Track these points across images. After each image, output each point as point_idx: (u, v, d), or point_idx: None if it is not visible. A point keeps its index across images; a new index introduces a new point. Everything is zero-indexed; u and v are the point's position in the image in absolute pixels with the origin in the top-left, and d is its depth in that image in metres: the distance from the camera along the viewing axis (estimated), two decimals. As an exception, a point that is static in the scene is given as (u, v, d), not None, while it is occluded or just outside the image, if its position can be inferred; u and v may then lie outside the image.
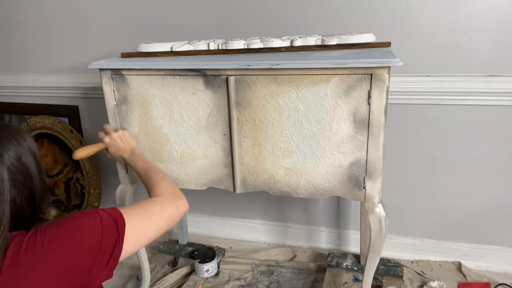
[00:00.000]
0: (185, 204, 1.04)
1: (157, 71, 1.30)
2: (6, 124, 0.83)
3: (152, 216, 0.92)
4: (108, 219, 0.80)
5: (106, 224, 0.79)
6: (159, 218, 0.94)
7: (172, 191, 1.05)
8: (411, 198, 1.78)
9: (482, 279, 1.70)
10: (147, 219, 0.90)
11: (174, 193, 1.05)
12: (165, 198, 1.01)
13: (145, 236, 0.89)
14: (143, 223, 0.89)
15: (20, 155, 0.77)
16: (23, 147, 0.79)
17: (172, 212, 0.99)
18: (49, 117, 2.12)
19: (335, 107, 1.18)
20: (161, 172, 1.18)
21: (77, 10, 1.93)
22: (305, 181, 1.29)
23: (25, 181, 0.78)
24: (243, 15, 1.70)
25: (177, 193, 1.06)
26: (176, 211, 1.00)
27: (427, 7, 1.51)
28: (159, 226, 0.93)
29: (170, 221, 0.97)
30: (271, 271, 1.82)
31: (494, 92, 1.53)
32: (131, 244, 0.84)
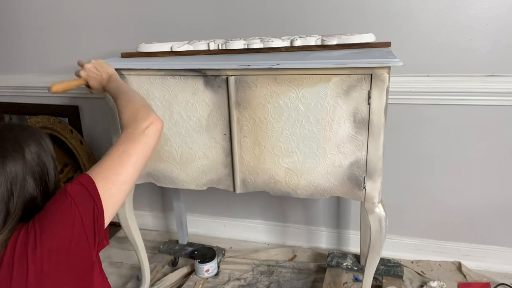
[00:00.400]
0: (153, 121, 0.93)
1: (157, 71, 1.30)
2: (27, 125, 0.86)
3: (121, 159, 0.85)
4: (76, 189, 0.78)
5: (76, 195, 0.77)
6: (129, 157, 0.86)
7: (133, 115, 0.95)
8: (411, 198, 1.78)
9: (482, 279, 1.70)
10: (116, 165, 0.84)
11: (136, 117, 0.94)
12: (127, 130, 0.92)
13: (122, 181, 0.84)
14: (113, 171, 0.83)
15: (39, 151, 0.81)
16: (42, 145, 0.82)
17: (141, 140, 0.90)
18: (49, 117, 2.12)
19: (335, 107, 1.18)
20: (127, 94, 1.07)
21: (77, 10, 1.93)
22: (305, 181, 1.29)
23: (43, 175, 0.80)
24: (243, 15, 1.70)
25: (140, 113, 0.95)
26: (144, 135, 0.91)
27: (427, 7, 1.51)
28: (133, 163, 0.87)
29: (144, 150, 0.90)
30: (271, 271, 1.82)
31: (494, 92, 1.53)
32: (113, 197, 0.81)
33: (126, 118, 0.96)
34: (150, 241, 2.11)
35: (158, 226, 2.26)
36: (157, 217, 2.25)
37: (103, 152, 1.29)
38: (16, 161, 0.77)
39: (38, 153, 0.80)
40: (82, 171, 2.11)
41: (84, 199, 0.78)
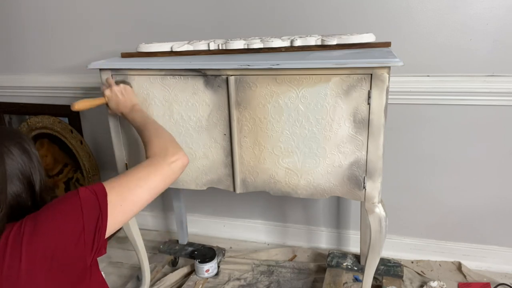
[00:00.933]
0: (181, 158, 0.98)
1: (157, 71, 1.30)
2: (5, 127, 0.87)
3: (140, 181, 0.88)
4: (87, 195, 0.79)
5: (86, 201, 0.77)
6: (148, 182, 0.89)
7: (163, 148, 0.99)
8: (411, 198, 1.78)
9: (482, 279, 1.70)
10: (133, 185, 0.86)
11: (166, 149, 0.98)
12: (155, 158, 0.96)
13: (135, 202, 0.85)
14: (128, 190, 0.85)
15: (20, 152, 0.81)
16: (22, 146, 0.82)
17: (165, 171, 0.94)
18: (49, 117, 2.12)
19: (335, 107, 1.18)
20: (155, 127, 1.11)
21: (77, 10, 1.93)
22: (305, 181, 1.29)
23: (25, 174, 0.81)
24: (243, 15, 1.70)
25: (170, 148, 1.00)
26: (169, 168, 0.94)
27: (427, 7, 1.52)
28: (151, 189, 0.89)
29: (164, 181, 0.93)
30: (271, 271, 1.82)
31: (494, 92, 1.53)
32: (120, 214, 0.82)
33: (155, 149, 1.00)
34: (150, 241, 2.11)
35: (158, 226, 2.26)
36: (157, 217, 2.25)
37: (103, 152, 1.29)
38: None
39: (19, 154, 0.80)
40: (82, 171, 2.11)
41: (92, 207, 0.78)
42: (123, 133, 1.42)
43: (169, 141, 1.04)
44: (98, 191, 0.80)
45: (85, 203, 0.78)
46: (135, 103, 1.26)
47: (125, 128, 1.41)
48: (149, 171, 0.92)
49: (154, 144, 1.02)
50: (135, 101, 1.26)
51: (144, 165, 0.94)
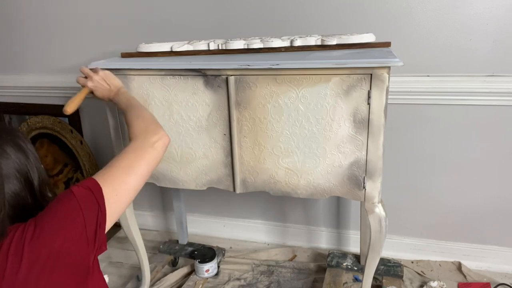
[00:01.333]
0: (162, 137, 0.98)
1: (157, 71, 1.30)
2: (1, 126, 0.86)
3: (129, 169, 0.88)
4: (82, 192, 0.78)
5: (82, 198, 0.77)
6: (136, 168, 0.89)
7: (144, 128, 0.99)
8: (411, 198, 1.78)
9: (482, 279, 1.70)
10: (124, 174, 0.86)
11: (147, 130, 0.99)
12: (137, 142, 0.96)
13: (128, 190, 0.86)
14: (120, 179, 0.85)
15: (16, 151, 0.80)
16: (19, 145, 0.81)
17: (149, 153, 0.94)
18: (49, 117, 2.12)
19: (335, 107, 1.18)
20: (136, 107, 1.11)
21: (77, 10, 1.93)
22: (305, 181, 1.29)
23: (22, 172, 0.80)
24: (243, 15, 1.70)
25: (151, 127, 1.00)
26: (152, 149, 0.95)
27: (427, 7, 1.51)
28: (140, 174, 0.89)
29: (152, 163, 0.93)
30: (271, 271, 1.82)
31: (494, 92, 1.53)
32: (117, 204, 0.83)
33: (136, 131, 1.00)
34: (150, 241, 2.11)
35: (158, 226, 2.26)
36: (157, 217, 2.25)
37: (103, 152, 1.29)
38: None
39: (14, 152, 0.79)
40: (82, 171, 2.11)
41: (89, 203, 0.78)
42: (123, 132, 1.42)
43: (149, 120, 1.04)
44: (92, 187, 0.80)
45: (82, 200, 0.77)
46: (120, 86, 1.24)
47: (125, 127, 1.41)
48: (135, 156, 0.92)
49: (134, 125, 1.02)
50: (119, 85, 1.24)
51: (128, 151, 0.93)
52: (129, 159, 0.90)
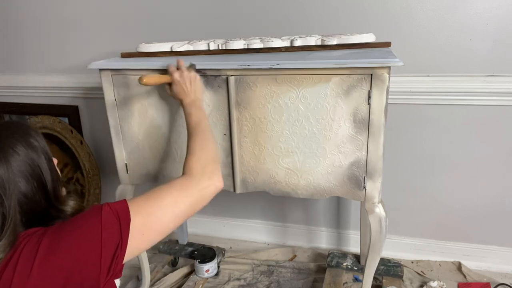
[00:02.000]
0: (215, 183, 0.92)
1: (157, 71, 1.30)
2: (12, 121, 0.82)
3: (167, 208, 0.82)
4: (110, 218, 0.74)
5: (107, 225, 0.73)
6: (175, 209, 0.83)
7: (200, 168, 0.93)
8: (411, 198, 1.78)
9: (482, 279, 1.70)
10: (159, 212, 0.80)
11: (203, 171, 0.92)
12: (189, 180, 0.90)
13: (158, 231, 0.80)
14: (154, 218, 0.79)
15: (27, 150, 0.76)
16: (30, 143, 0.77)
17: (195, 197, 0.88)
18: (49, 117, 2.12)
19: (335, 107, 1.18)
20: (204, 135, 1.04)
21: (77, 10, 1.93)
22: (305, 181, 1.29)
23: (34, 174, 0.76)
24: (243, 15, 1.70)
25: (208, 168, 0.93)
26: (199, 195, 0.89)
27: (427, 7, 1.52)
28: (175, 218, 0.83)
29: (193, 208, 0.87)
30: (271, 271, 1.82)
31: (494, 92, 1.53)
32: (141, 242, 0.77)
33: (192, 165, 0.95)
34: (150, 241, 2.10)
35: (158, 226, 2.25)
36: (157, 217, 2.24)
37: (103, 152, 1.29)
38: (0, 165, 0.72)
39: (25, 152, 0.76)
40: (82, 171, 2.11)
41: (112, 233, 0.74)
42: (123, 133, 1.42)
43: (210, 158, 0.98)
44: (121, 215, 0.75)
45: (106, 227, 0.73)
46: (199, 98, 1.18)
47: (125, 127, 1.41)
48: (179, 195, 0.85)
49: (194, 158, 0.96)
50: (199, 95, 1.19)
51: (174, 186, 0.87)
52: (172, 197, 0.84)
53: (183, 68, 1.19)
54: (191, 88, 1.17)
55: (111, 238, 0.73)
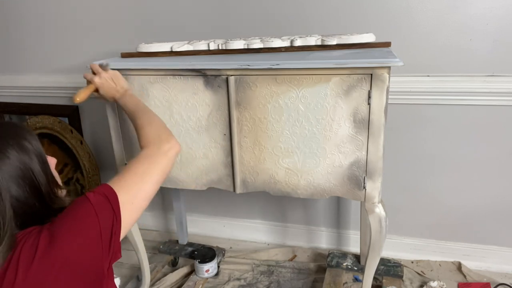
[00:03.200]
0: (174, 146, 0.99)
1: (157, 71, 1.30)
2: (4, 123, 0.81)
3: (144, 176, 0.88)
4: (98, 199, 0.77)
5: (98, 205, 0.76)
6: (151, 175, 0.90)
7: (156, 136, 1.01)
8: (411, 198, 1.78)
9: (482, 279, 1.70)
10: (139, 181, 0.87)
11: (160, 138, 1.00)
12: (151, 149, 0.97)
13: (143, 198, 0.86)
14: (136, 187, 0.85)
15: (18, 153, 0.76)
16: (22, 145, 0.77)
17: (163, 161, 0.95)
18: (49, 117, 2.12)
19: (335, 107, 1.18)
20: (146, 113, 1.12)
21: (77, 10, 1.93)
22: (305, 181, 1.29)
23: (26, 177, 0.76)
24: (243, 15, 1.70)
25: (163, 135, 1.01)
26: (165, 157, 0.96)
27: (427, 7, 1.51)
28: (155, 182, 0.90)
29: (165, 170, 0.94)
30: (271, 271, 1.82)
31: (494, 92, 1.53)
32: (132, 212, 0.82)
33: (148, 138, 1.01)
34: (150, 241, 2.11)
35: (158, 226, 2.26)
36: (157, 217, 2.25)
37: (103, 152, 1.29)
38: None
39: (16, 156, 0.75)
40: (82, 171, 2.11)
41: (105, 210, 0.77)
42: (123, 133, 1.42)
43: (160, 127, 1.05)
44: (108, 194, 0.79)
45: (98, 207, 0.76)
46: (128, 88, 1.24)
47: (125, 127, 1.41)
48: (149, 164, 0.92)
49: (146, 132, 1.03)
50: (126, 86, 1.24)
51: (142, 158, 0.94)
52: (144, 166, 0.91)
53: (99, 71, 1.23)
54: (115, 84, 1.22)
55: (106, 216, 0.76)
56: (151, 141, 1.00)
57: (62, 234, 0.72)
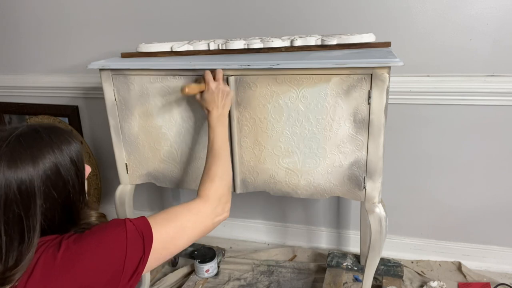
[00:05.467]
0: (225, 214, 0.99)
1: (157, 71, 1.30)
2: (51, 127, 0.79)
3: (185, 231, 0.87)
4: (134, 234, 0.76)
5: (132, 240, 0.75)
6: (190, 235, 0.89)
7: (219, 197, 0.99)
8: (411, 198, 1.78)
9: (482, 279, 1.70)
10: (178, 236, 0.85)
11: (219, 201, 0.99)
12: (206, 206, 0.95)
13: (172, 252, 0.85)
14: (173, 240, 0.84)
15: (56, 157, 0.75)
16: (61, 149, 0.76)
17: (208, 225, 0.94)
18: (49, 117, 2.12)
19: (335, 107, 1.18)
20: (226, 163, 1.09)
21: (77, 10, 1.93)
22: (305, 181, 1.29)
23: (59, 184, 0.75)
24: (243, 15, 1.70)
25: (223, 200, 1.00)
26: (211, 223, 0.95)
27: (427, 7, 1.52)
28: (190, 241, 0.89)
29: (203, 234, 0.93)
30: (271, 271, 1.82)
31: (494, 92, 1.53)
32: (158, 260, 0.81)
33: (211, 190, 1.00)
34: (150, 241, 2.10)
35: (158, 226, 2.25)
36: (157, 217, 2.24)
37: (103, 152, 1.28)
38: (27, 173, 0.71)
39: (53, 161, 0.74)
40: (82, 171, 2.10)
41: (136, 249, 0.76)
42: (123, 133, 1.42)
43: (226, 188, 1.04)
44: (145, 233, 0.78)
45: (131, 242, 0.75)
46: (226, 114, 1.20)
47: (125, 128, 1.41)
48: (195, 221, 0.91)
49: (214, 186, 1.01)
50: (226, 111, 1.20)
51: (193, 210, 0.93)
52: (190, 222, 0.89)
53: (220, 81, 1.19)
54: (222, 101, 1.17)
55: (135, 252, 0.75)
56: (210, 197, 0.98)
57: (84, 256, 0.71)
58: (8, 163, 0.69)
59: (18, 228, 0.70)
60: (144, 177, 1.45)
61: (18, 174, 0.70)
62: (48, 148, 0.74)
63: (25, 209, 0.70)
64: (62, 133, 0.79)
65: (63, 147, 0.76)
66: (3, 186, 0.68)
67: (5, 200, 0.69)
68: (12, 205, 0.69)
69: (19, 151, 0.71)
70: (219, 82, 1.18)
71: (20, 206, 0.70)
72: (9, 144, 0.71)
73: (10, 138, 0.72)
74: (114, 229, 0.76)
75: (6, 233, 0.69)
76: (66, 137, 0.79)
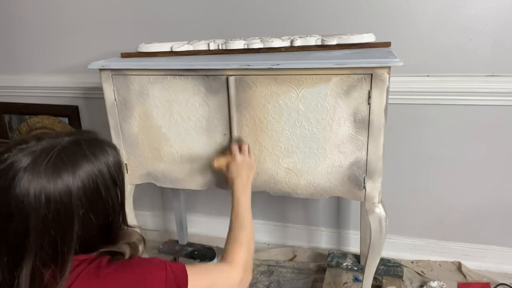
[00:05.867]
0: (249, 279, 1.00)
1: (157, 71, 1.30)
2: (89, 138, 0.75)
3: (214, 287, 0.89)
4: (172, 281, 0.77)
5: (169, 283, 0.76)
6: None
7: (245, 264, 1.00)
8: (411, 198, 1.78)
9: (482, 279, 1.70)
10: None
11: (245, 267, 1.00)
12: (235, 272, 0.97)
13: None
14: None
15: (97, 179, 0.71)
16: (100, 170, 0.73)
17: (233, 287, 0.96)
18: (49, 117, 2.12)
19: (335, 107, 1.18)
20: (249, 231, 1.10)
21: (77, 10, 1.93)
22: (305, 181, 1.29)
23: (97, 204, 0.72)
24: (243, 15, 1.70)
25: (247, 267, 1.01)
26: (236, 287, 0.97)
27: (427, 7, 1.51)
28: None
29: None
30: (271, 271, 1.82)
31: (494, 92, 1.53)
32: None
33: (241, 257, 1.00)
34: (150, 241, 2.10)
35: (158, 226, 2.26)
36: (157, 217, 2.25)
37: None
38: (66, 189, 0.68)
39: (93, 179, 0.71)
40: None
41: None
42: (123, 133, 1.42)
43: (251, 255, 1.05)
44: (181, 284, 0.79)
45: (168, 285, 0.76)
46: (250, 185, 1.21)
47: (125, 128, 1.41)
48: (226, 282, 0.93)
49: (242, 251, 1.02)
50: (250, 183, 1.21)
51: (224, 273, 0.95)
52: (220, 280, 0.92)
53: (246, 154, 1.22)
54: (246, 173, 1.20)
55: None
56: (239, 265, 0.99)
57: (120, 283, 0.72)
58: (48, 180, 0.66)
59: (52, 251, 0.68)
60: (144, 177, 1.45)
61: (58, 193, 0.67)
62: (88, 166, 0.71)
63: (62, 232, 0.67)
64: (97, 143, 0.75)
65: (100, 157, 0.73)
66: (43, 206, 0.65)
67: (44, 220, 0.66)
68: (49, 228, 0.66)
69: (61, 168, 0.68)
70: (245, 155, 1.21)
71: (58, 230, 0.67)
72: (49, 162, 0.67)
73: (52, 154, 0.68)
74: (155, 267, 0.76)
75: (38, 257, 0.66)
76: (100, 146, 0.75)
